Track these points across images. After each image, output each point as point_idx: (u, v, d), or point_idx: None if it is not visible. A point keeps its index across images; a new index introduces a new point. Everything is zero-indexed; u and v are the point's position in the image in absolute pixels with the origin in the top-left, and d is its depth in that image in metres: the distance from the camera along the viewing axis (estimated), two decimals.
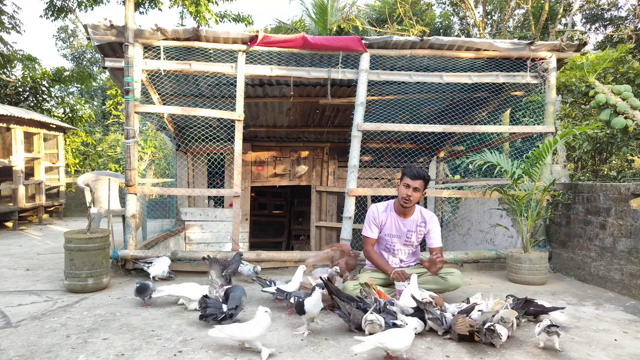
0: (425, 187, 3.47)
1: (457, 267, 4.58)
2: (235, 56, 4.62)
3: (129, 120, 4.39)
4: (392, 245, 3.58)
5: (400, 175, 3.51)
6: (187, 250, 6.31)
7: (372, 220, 3.59)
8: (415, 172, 3.39)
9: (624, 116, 4.46)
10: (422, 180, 3.39)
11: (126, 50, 4.30)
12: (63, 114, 12.39)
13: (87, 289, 3.74)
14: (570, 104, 6.15)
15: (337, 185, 8.14)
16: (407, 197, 3.39)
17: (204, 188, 7.46)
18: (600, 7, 14.34)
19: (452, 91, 5.72)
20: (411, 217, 3.54)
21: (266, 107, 6.72)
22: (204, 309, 2.89)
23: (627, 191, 3.75)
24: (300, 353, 2.51)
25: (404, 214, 3.52)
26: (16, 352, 2.50)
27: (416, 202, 3.46)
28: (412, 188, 3.38)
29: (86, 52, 23.40)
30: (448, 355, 2.51)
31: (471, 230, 6.74)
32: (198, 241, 7.01)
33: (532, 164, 4.22)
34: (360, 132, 4.72)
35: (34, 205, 9.06)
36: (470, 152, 6.94)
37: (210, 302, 2.93)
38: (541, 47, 4.81)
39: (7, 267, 4.88)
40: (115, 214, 6.22)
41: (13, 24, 11.62)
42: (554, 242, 4.78)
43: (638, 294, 3.63)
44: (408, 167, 3.46)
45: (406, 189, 3.40)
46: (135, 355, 2.47)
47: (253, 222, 8.89)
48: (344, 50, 4.65)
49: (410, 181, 3.39)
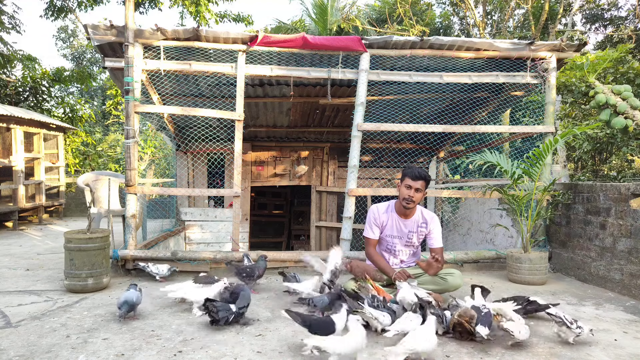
0: (427, 187, 3.46)
1: (457, 267, 4.58)
2: (235, 56, 4.62)
3: (129, 120, 4.39)
4: (393, 246, 3.57)
5: (401, 176, 3.47)
6: (188, 250, 6.31)
7: (372, 221, 3.58)
8: (417, 173, 3.36)
9: (624, 116, 4.46)
10: (423, 181, 3.37)
11: (126, 50, 4.30)
12: (63, 114, 12.39)
13: (87, 289, 3.74)
14: (570, 104, 6.15)
15: (337, 185, 8.14)
16: (409, 198, 3.37)
17: (204, 188, 7.46)
18: (600, 7, 14.34)
19: (452, 91, 5.72)
20: (412, 217, 3.53)
21: (266, 107, 6.72)
22: (215, 313, 2.82)
23: (627, 191, 3.75)
24: (300, 353, 2.51)
25: (405, 215, 3.51)
26: (16, 352, 2.50)
27: (418, 202, 3.46)
28: (414, 189, 3.35)
29: (86, 52, 23.40)
30: (448, 355, 2.51)
31: (471, 230, 6.74)
32: (198, 241, 7.01)
33: (532, 164, 4.22)
34: (360, 132, 4.72)
35: (34, 205, 9.06)
36: (470, 152, 6.94)
37: (220, 306, 2.87)
38: (541, 47, 4.81)
39: (7, 267, 4.88)
40: (115, 214, 6.22)
41: (13, 24, 11.62)
42: (554, 242, 4.78)
43: (638, 294, 3.63)
44: (409, 168, 3.43)
45: (408, 190, 3.37)
46: (135, 355, 2.47)
47: (253, 222, 8.89)
48: (344, 50, 4.65)
49: (412, 182, 3.35)
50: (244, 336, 2.76)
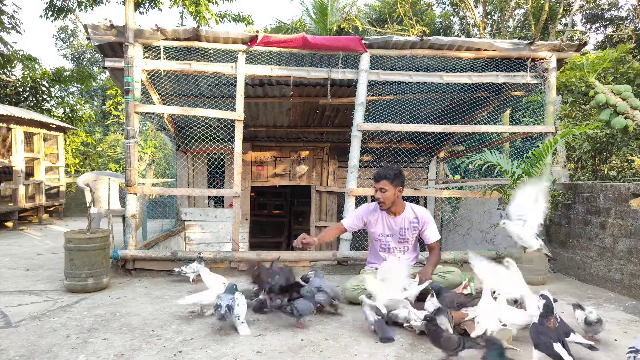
0: (395, 182, 3.42)
1: (457, 267, 4.57)
2: (235, 56, 4.62)
3: (129, 120, 4.39)
4: (387, 245, 3.59)
5: None
6: (188, 250, 6.31)
7: (361, 212, 3.64)
8: (376, 174, 3.47)
9: (624, 116, 4.46)
10: (385, 180, 3.41)
11: (126, 50, 4.30)
12: (63, 114, 12.39)
13: (87, 289, 3.74)
14: (570, 104, 6.15)
15: (337, 185, 8.13)
16: (378, 199, 3.48)
17: (204, 188, 7.46)
18: (600, 7, 14.35)
19: (452, 91, 5.72)
20: (402, 214, 3.55)
21: (266, 107, 6.73)
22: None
23: (627, 191, 3.75)
24: (300, 353, 2.51)
25: (393, 213, 3.56)
26: (16, 352, 2.50)
27: (391, 200, 3.45)
28: (379, 189, 3.44)
29: (86, 52, 23.38)
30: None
31: (471, 230, 6.74)
32: (198, 241, 7.01)
33: (532, 164, 4.22)
34: (360, 132, 4.72)
35: (34, 205, 9.06)
36: (470, 152, 6.94)
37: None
38: (541, 47, 4.81)
39: (7, 267, 4.87)
40: (115, 214, 6.22)
41: (13, 24, 11.61)
42: (554, 242, 4.78)
43: (638, 294, 3.63)
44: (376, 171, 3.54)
45: (375, 192, 3.50)
46: (135, 355, 2.47)
47: (253, 222, 8.89)
48: (344, 50, 4.65)
49: (375, 184, 3.48)
50: (243, 336, 2.76)
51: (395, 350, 2.56)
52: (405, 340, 2.71)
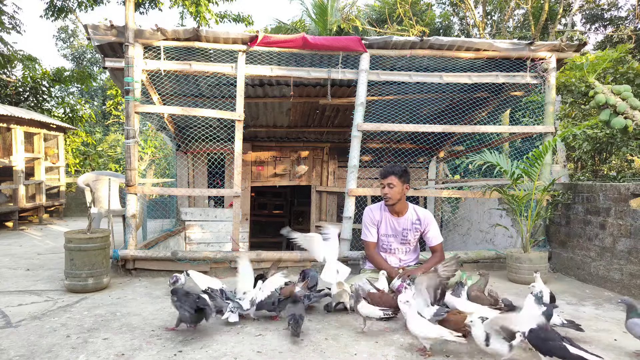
0: (402, 179, 3.49)
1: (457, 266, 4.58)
2: (235, 56, 4.63)
3: (129, 120, 4.39)
4: (389, 245, 3.60)
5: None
6: (188, 250, 6.31)
7: (369, 221, 3.63)
8: (384, 170, 3.52)
9: (624, 116, 4.46)
10: (392, 175, 3.47)
11: (126, 50, 4.30)
12: (63, 114, 12.39)
13: (88, 289, 3.74)
14: (570, 104, 6.15)
15: (337, 185, 8.14)
16: (384, 194, 3.50)
17: (204, 188, 7.46)
18: (600, 7, 14.35)
19: (452, 91, 5.72)
20: (405, 215, 3.56)
21: (266, 107, 6.73)
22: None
23: (626, 191, 3.76)
24: (301, 353, 2.52)
25: (396, 213, 3.56)
26: (16, 352, 2.50)
27: (398, 197, 3.48)
28: (386, 185, 3.48)
29: (86, 52, 23.40)
30: (448, 355, 2.52)
31: (471, 230, 6.74)
32: (198, 241, 7.01)
33: (532, 164, 4.23)
34: (360, 132, 4.72)
35: (34, 205, 9.06)
36: (470, 152, 6.94)
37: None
38: (541, 47, 4.81)
39: (8, 267, 4.88)
40: (116, 214, 6.22)
41: (13, 24, 11.61)
42: (553, 242, 4.79)
43: (638, 294, 3.63)
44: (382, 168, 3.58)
45: (382, 188, 3.53)
46: (136, 355, 2.47)
47: (253, 222, 8.89)
48: (344, 50, 4.65)
49: (382, 179, 3.52)
50: (244, 336, 2.76)
51: (395, 350, 2.57)
52: (405, 340, 2.71)
